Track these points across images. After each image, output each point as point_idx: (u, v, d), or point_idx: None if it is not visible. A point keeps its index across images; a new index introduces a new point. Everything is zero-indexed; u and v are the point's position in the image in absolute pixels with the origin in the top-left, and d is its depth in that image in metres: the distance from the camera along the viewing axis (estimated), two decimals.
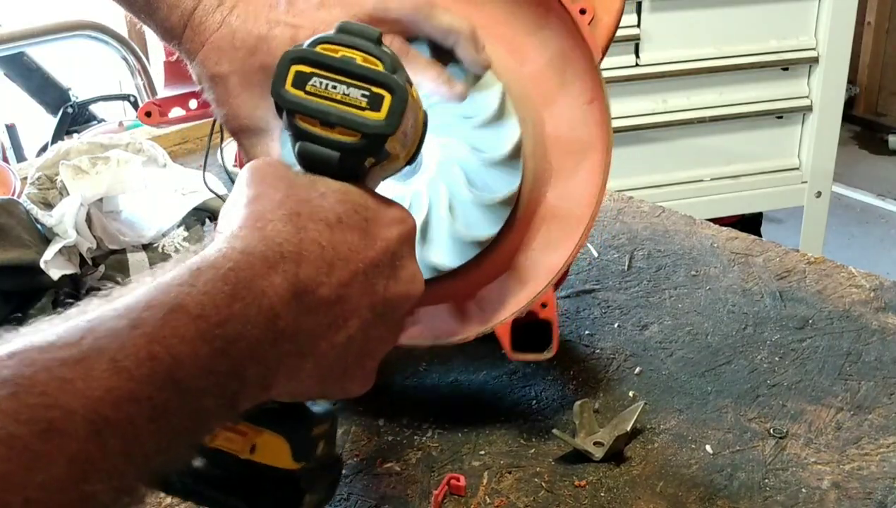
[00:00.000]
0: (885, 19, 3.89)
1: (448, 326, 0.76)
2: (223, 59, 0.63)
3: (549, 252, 0.74)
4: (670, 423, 0.74)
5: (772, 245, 1.01)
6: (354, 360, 0.48)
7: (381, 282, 0.48)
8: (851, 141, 3.95)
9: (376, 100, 0.49)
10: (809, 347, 0.83)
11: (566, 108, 0.73)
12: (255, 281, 0.40)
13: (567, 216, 0.74)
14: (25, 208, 0.91)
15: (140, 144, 1.02)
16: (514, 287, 0.75)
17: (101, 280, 0.91)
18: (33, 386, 0.32)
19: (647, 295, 0.93)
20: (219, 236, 0.43)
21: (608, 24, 0.71)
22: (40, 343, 0.34)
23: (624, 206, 1.11)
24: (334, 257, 0.45)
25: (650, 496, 0.67)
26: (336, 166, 0.49)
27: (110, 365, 0.34)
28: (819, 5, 2.04)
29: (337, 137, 0.49)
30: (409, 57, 0.64)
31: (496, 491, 0.68)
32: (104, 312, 0.36)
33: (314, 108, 0.49)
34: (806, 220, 2.23)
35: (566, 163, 0.74)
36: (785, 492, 0.67)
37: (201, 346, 0.37)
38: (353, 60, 0.49)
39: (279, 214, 0.44)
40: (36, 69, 2.25)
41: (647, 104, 2.04)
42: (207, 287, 0.39)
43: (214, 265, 0.40)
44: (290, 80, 0.49)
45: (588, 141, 0.73)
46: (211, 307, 0.38)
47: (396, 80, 0.49)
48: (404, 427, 0.76)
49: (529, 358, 0.73)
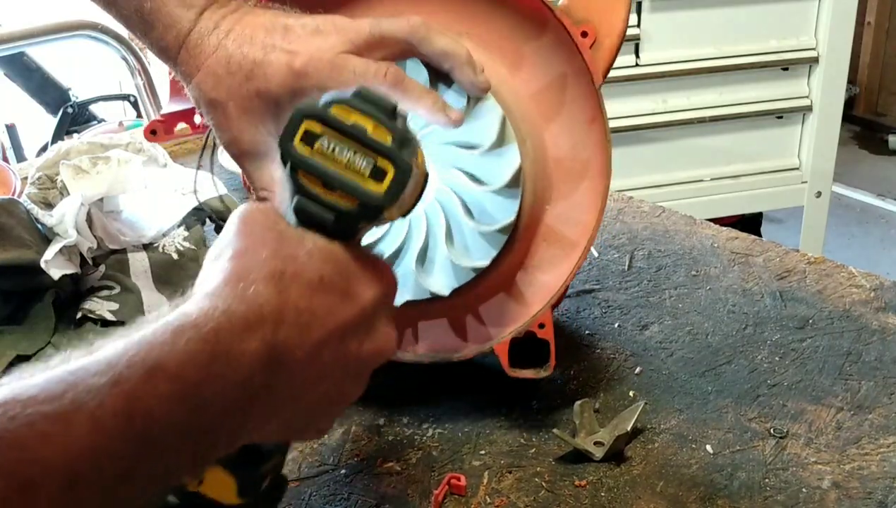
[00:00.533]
0: (885, 19, 3.89)
1: (447, 342, 0.78)
2: (220, 85, 0.62)
3: (547, 272, 0.75)
4: (670, 423, 0.74)
5: (772, 245, 1.01)
6: (321, 412, 0.50)
7: (354, 342, 0.48)
8: (851, 141, 3.95)
9: (379, 172, 0.49)
10: (810, 347, 0.83)
11: (567, 129, 0.74)
12: (234, 344, 0.41)
13: (565, 238, 0.75)
14: (26, 208, 0.91)
15: (140, 144, 1.02)
16: (511, 306, 0.76)
17: (101, 279, 0.92)
18: (16, 439, 0.33)
19: (647, 295, 0.93)
20: (200, 289, 0.44)
21: (609, 47, 0.71)
22: (23, 396, 0.35)
23: (624, 206, 1.11)
24: (311, 320, 0.45)
25: (650, 495, 0.67)
26: (329, 227, 0.50)
27: (90, 423, 0.35)
28: (819, 5, 2.04)
29: (335, 200, 0.49)
30: (404, 85, 0.63)
31: (496, 491, 0.68)
32: (87, 365, 0.37)
33: (318, 169, 0.49)
34: (806, 220, 2.23)
35: (566, 185, 0.74)
36: (785, 492, 0.67)
37: (177, 407, 0.38)
38: (364, 128, 0.49)
39: (263, 274, 0.44)
40: (36, 69, 2.25)
41: (647, 104, 2.04)
42: (188, 346, 0.39)
43: (196, 324, 0.40)
44: (300, 135, 0.49)
45: (588, 162, 0.73)
46: (190, 367, 0.39)
47: (402, 157, 0.49)
48: (405, 427, 0.76)
49: (527, 375, 0.75)
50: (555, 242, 0.75)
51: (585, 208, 0.74)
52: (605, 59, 0.71)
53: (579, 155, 0.74)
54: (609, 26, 0.71)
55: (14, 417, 0.34)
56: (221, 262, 0.45)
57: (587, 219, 0.73)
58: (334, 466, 0.72)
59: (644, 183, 2.09)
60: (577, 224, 0.74)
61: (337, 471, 0.71)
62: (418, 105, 0.64)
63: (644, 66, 2.01)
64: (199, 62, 0.62)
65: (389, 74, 0.62)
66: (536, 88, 0.73)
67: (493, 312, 0.76)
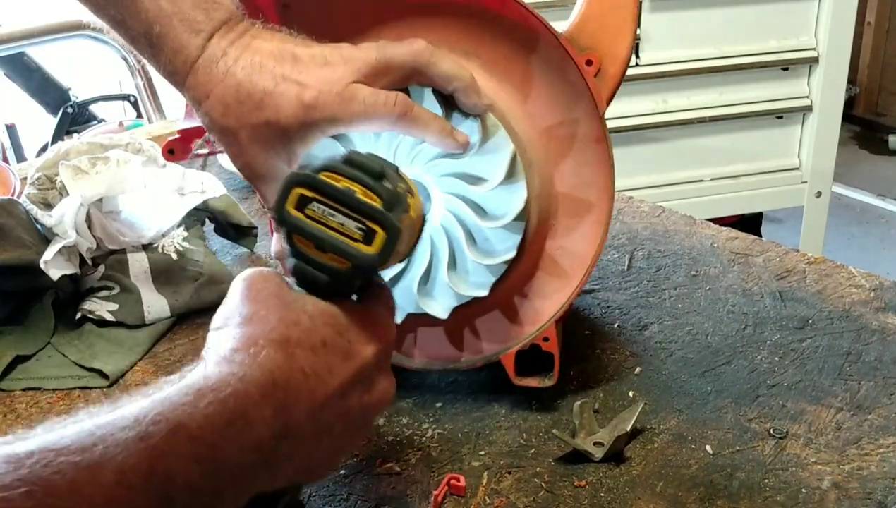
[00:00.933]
0: (885, 19, 3.89)
1: (443, 352, 0.79)
2: (229, 113, 0.63)
3: (544, 299, 0.76)
4: (670, 423, 0.74)
5: (772, 245, 1.01)
6: (326, 461, 0.53)
7: (355, 397, 0.51)
8: (851, 141, 3.95)
9: (370, 234, 0.51)
10: (809, 347, 0.83)
11: (571, 157, 0.74)
12: (249, 410, 0.44)
13: (562, 268, 0.75)
14: (25, 208, 0.91)
15: (140, 144, 1.02)
16: (506, 325, 0.77)
17: (100, 280, 0.91)
18: (47, 487, 0.36)
19: (646, 296, 0.93)
20: (215, 352, 0.46)
21: (614, 75, 0.72)
22: (56, 446, 0.38)
23: (624, 206, 1.11)
24: (316, 382, 0.48)
25: (650, 496, 0.67)
26: (325, 288, 0.52)
27: (116, 475, 0.38)
28: (819, 5, 2.04)
29: (328, 262, 0.52)
30: (413, 113, 0.64)
31: (496, 491, 0.68)
32: (114, 420, 0.40)
33: (310, 232, 0.51)
34: (806, 220, 2.23)
35: (568, 216, 0.75)
36: (785, 492, 0.67)
37: (194, 466, 0.41)
38: (352, 193, 0.51)
39: (271, 339, 0.47)
40: (36, 69, 2.25)
41: (647, 104, 2.04)
42: (208, 410, 0.42)
43: (215, 388, 0.43)
44: (292, 200, 0.51)
45: (591, 189, 0.74)
46: (208, 429, 0.42)
47: (391, 219, 0.51)
48: (404, 428, 0.76)
49: (531, 383, 0.76)
50: (553, 272, 0.76)
51: (586, 240, 0.74)
52: (609, 87, 0.72)
53: (583, 182, 0.74)
54: (614, 55, 0.71)
55: (47, 465, 0.36)
56: (232, 328, 0.48)
57: (588, 244, 0.74)
58: None
59: (644, 183, 2.09)
60: (578, 249, 0.75)
61: (336, 472, 0.71)
62: (427, 131, 0.65)
63: (644, 66, 2.01)
64: (207, 89, 0.63)
65: (398, 104, 0.63)
66: (541, 114, 0.73)
67: (489, 328, 0.77)
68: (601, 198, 0.74)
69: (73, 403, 0.80)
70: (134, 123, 2.00)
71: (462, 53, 0.72)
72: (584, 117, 0.72)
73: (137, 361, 0.85)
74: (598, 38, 0.71)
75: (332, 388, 0.49)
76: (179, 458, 0.40)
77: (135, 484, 0.38)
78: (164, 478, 0.39)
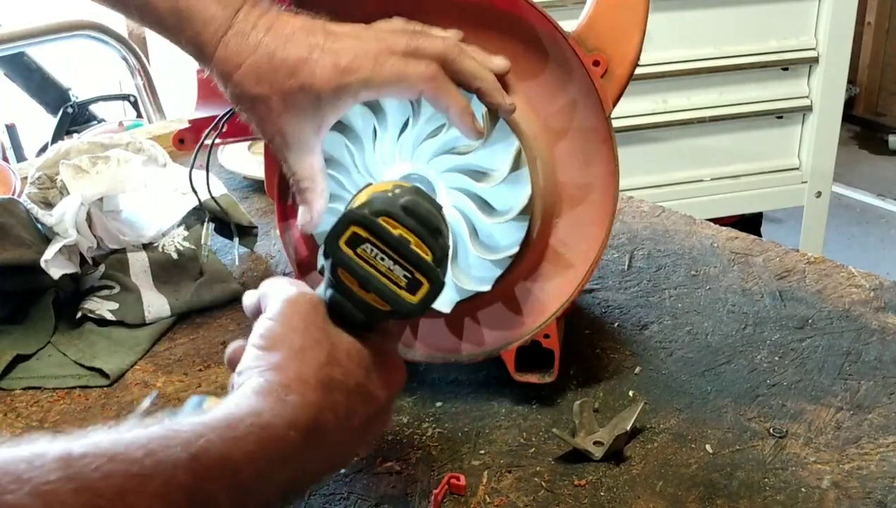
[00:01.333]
0: (885, 19, 3.88)
1: (444, 344, 0.79)
2: (263, 81, 0.64)
3: (547, 292, 0.76)
4: (670, 423, 0.74)
5: (772, 245, 1.01)
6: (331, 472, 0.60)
7: (369, 431, 0.55)
8: (851, 141, 3.95)
9: (416, 284, 0.53)
10: (809, 347, 0.83)
11: (576, 155, 0.74)
12: (288, 455, 0.47)
13: (567, 261, 0.75)
14: (26, 208, 0.91)
15: (140, 144, 1.02)
16: (508, 317, 0.77)
17: (101, 279, 0.92)
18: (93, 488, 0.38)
19: (646, 295, 0.93)
20: (261, 379, 0.49)
21: (621, 76, 0.72)
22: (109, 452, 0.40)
23: (624, 206, 1.11)
24: (343, 423, 0.51)
25: (650, 495, 0.67)
26: (360, 324, 0.54)
27: (162, 488, 0.40)
28: (819, 5, 2.04)
29: (369, 301, 0.54)
30: (442, 81, 0.66)
31: (496, 491, 0.68)
32: (167, 437, 0.42)
33: (358, 271, 0.53)
34: (806, 220, 2.23)
35: (572, 210, 0.75)
36: (784, 492, 0.67)
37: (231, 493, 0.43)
38: (407, 243, 0.53)
39: (320, 380, 0.50)
40: (36, 69, 2.25)
41: (647, 104, 2.04)
42: (254, 448, 0.45)
43: (265, 427, 0.46)
44: (346, 237, 0.53)
45: (594, 188, 0.74)
46: (250, 466, 0.44)
47: (438, 274, 0.54)
48: (404, 427, 0.76)
49: (531, 379, 0.77)
50: (556, 268, 0.76)
51: (590, 233, 0.74)
52: (615, 88, 0.72)
53: (587, 181, 0.74)
54: (621, 56, 0.72)
55: (97, 469, 0.38)
56: (284, 359, 0.50)
57: (591, 243, 0.74)
58: None
59: (644, 183, 2.09)
60: (581, 248, 0.75)
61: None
62: (451, 103, 0.67)
63: (644, 65, 2.00)
64: (240, 59, 0.64)
65: (430, 68, 0.65)
66: (546, 111, 0.73)
67: (490, 322, 0.77)
68: (605, 197, 0.74)
69: (74, 402, 0.80)
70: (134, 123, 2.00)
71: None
72: (590, 116, 0.72)
73: (138, 360, 0.85)
74: (606, 38, 0.71)
75: (351, 429, 0.52)
76: (223, 487, 0.43)
77: (177, 501, 0.40)
78: (204, 501, 0.42)
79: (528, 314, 0.76)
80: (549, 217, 0.74)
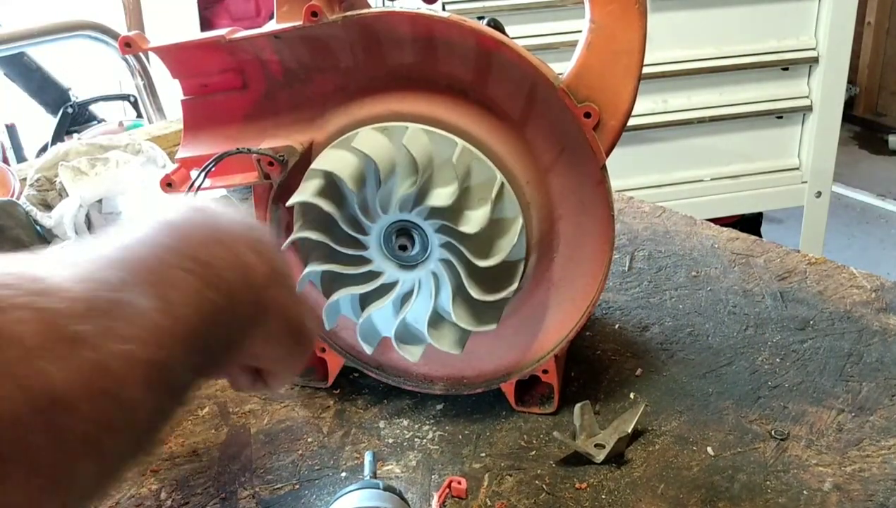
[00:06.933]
0: (885, 19, 3.88)
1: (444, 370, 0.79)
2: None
3: (543, 332, 0.76)
4: (671, 425, 0.74)
5: (772, 246, 1.01)
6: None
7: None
8: (851, 141, 3.95)
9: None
10: (810, 348, 0.83)
11: (572, 193, 0.72)
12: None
13: (564, 303, 0.75)
14: (25, 209, 0.91)
15: (139, 145, 1.02)
16: (508, 351, 0.77)
17: None
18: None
19: (647, 296, 0.93)
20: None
21: (614, 128, 0.69)
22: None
23: (624, 206, 1.11)
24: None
25: (651, 498, 0.67)
26: None
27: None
28: (819, 5, 2.04)
29: None
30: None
31: (497, 493, 0.68)
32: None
33: None
34: (806, 220, 2.23)
35: (570, 250, 0.74)
36: (786, 494, 0.67)
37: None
38: None
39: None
40: (36, 69, 2.24)
41: (647, 104, 2.04)
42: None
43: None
44: None
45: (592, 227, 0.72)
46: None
47: None
48: (405, 430, 0.75)
49: (532, 410, 0.77)
50: (554, 308, 0.75)
51: (588, 269, 0.73)
52: (608, 139, 0.69)
53: (583, 219, 0.73)
54: (614, 107, 0.68)
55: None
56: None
57: (589, 280, 0.73)
58: (334, 468, 0.71)
59: (644, 183, 2.09)
60: (578, 290, 0.74)
61: (337, 474, 0.71)
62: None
63: (644, 65, 2.00)
64: None
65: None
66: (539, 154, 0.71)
67: (491, 352, 0.77)
68: (602, 235, 0.72)
69: None
70: (134, 123, 2.00)
71: (459, 90, 0.69)
72: (583, 161, 0.70)
73: None
74: (597, 88, 0.68)
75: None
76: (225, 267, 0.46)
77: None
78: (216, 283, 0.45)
79: (528, 349, 0.76)
80: (545, 255, 0.73)
